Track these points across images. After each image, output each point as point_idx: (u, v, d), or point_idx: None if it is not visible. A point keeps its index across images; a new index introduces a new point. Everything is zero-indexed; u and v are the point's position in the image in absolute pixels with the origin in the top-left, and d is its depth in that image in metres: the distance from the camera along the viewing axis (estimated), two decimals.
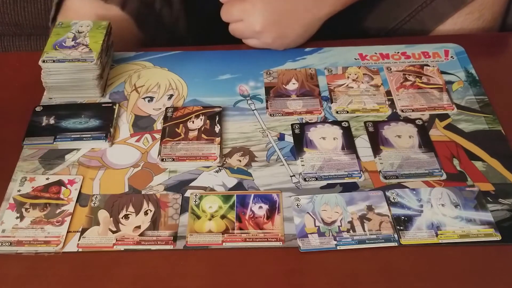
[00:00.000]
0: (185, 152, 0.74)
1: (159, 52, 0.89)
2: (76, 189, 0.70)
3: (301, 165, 0.73)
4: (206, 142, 0.75)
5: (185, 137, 0.76)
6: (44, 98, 0.82)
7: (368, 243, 0.64)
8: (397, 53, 0.90)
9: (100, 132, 0.76)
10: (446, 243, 0.64)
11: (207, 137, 0.76)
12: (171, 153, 0.73)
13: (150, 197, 0.69)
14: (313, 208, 0.68)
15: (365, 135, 0.77)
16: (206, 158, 0.73)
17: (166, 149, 0.74)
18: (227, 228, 0.66)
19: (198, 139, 0.75)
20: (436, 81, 0.84)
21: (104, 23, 0.85)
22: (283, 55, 0.88)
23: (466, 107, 0.81)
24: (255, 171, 0.72)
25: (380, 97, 0.82)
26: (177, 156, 0.73)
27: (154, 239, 0.65)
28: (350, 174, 0.71)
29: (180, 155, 0.73)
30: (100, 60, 0.80)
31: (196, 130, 0.77)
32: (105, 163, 0.74)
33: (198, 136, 0.76)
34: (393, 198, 0.69)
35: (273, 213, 0.68)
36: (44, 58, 0.79)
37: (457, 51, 0.90)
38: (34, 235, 0.65)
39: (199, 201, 0.69)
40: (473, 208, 0.67)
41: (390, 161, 0.73)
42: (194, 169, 0.73)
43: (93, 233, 0.66)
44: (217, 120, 0.78)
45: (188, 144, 0.75)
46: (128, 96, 0.83)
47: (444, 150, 0.74)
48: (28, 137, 0.76)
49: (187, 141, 0.75)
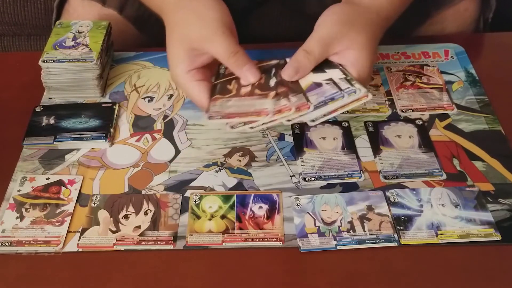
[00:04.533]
0: (236, 108, 0.67)
1: (159, 52, 0.89)
2: (76, 189, 0.70)
3: (301, 165, 0.73)
4: (259, 97, 0.68)
5: (236, 93, 0.69)
6: (44, 98, 0.82)
7: (368, 243, 0.64)
8: (397, 53, 0.90)
9: (100, 132, 0.76)
10: (446, 243, 0.64)
11: (261, 91, 0.69)
12: (220, 111, 0.67)
13: (150, 197, 0.69)
14: (313, 208, 0.68)
15: (365, 135, 0.77)
16: (258, 114, 0.66)
17: (215, 107, 0.68)
18: (227, 228, 0.66)
19: (251, 95, 0.69)
20: (436, 81, 0.84)
21: (104, 23, 0.85)
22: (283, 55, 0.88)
23: (466, 107, 0.81)
24: (255, 171, 0.72)
25: (380, 97, 0.82)
26: (227, 113, 0.66)
27: (154, 239, 0.65)
28: (350, 174, 0.71)
29: (230, 112, 0.67)
30: (100, 60, 0.80)
31: (249, 85, 0.70)
32: (105, 163, 0.74)
33: (251, 91, 0.69)
34: (393, 198, 0.69)
35: (273, 213, 0.68)
36: (44, 58, 0.79)
37: (457, 51, 0.90)
38: (34, 235, 0.65)
39: (199, 201, 0.69)
40: (473, 208, 0.67)
41: (390, 161, 0.73)
42: (194, 169, 0.73)
43: (93, 233, 0.66)
44: (272, 73, 0.71)
45: (239, 100, 0.68)
46: (128, 96, 0.83)
47: (444, 150, 0.74)
48: (28, 137, 0.76)
49: (238, 97, 0.69)
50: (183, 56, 0.70)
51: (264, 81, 0.70)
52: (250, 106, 0.67)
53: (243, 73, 0.69)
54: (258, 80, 0.70)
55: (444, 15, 0.96)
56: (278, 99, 0.67)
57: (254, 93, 0.69)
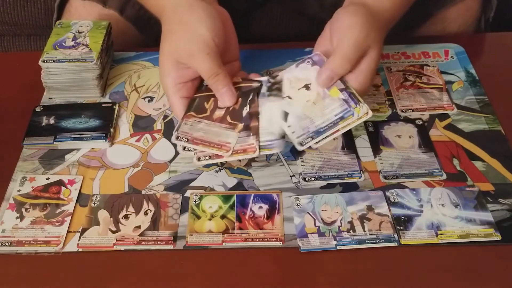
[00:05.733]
0: (203, 134, 0.66)
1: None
2: (76, 189, 0.70)
3: (301, 165, 0.73)
4: (227, 127, 0.67)
5: (210, 115, 0.68)
6: (44, 98, 0.82)
7: (368, 243, 0.64)
8: (397, 53, 0.90)
9: (100, 132, 0.76)
10: (446, 243, 0.64)
11: (230, 120, 0.67)
12: (189, 132, 0.67)
13: (150, 197, 0.69)
14: (313, 208, 0.68)
15: (365, 135, 0.77)
16: (220, 147, 0.66)
17: (186, 126, 0.67)
18: (227, 228, 0.66)
19: (221, 121, 0.68)
20: (436, 81, 0.84)
21: (104, 23, 0.85)
22: (283, 55, 0.88)
23: (466, 107, 0.81)
24: (255, 171, 0.72)
25: (380, 97, 0.82)
26: (193, 138, 0.66)
27: (154, 239, 0.65)
28: (350, 174, 0.72)
29: (197, 137, 0.66)
30: (100, 60, 0.80)
31: (223, 108, 0.69)
32: (105, 163, 0.74)
33: (223, 117, 0.68)
34: (393, 198, 0.69)
35: (273, 213, 0.68)
36: (44, 58, 0.79)
37: (457, 51, 0.90)
38: (34, 235, 0.65)
39: (199, 201, 0.69)
40: (473, 208, 0.67)
41: (390, 161, 0.73)
42: (194, 169, 0.73)
43: (93, 233, 0.66)
44: (249, 99, 0.69)
45: (209, 125, 0.67)
46: (128, 96, 0.83)
47: (444, 150, 0.74)
48: (28, 137, 0.76)
49: (210, 120, 0.68)
50: (171, 68, 0.71)
51: (238, 107, 0.70)
52: (216, 135, 0.67)
53: (221, 95, 0.70)
54: (233, 104, 0.70)
55: (445, 14, 0.96)
56: (247, 135, 0.67)
57: (225, 119, 0.68)
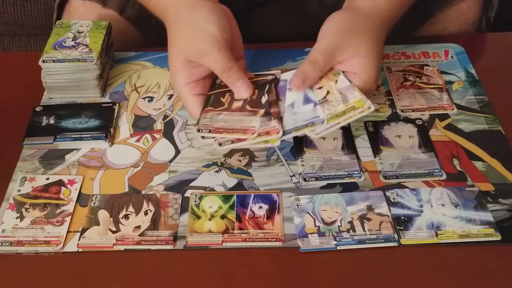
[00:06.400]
0: (224, 123, 0.67)
1: (159, 52, 0.89)
2: (76, 189, 0.70)
3: (301, 165, 0.73)
4: (248, 113, 0.68)
5: (228, 107, 0.69)
6: (44, 98, 0.82)
7: (368, 243, 0.64)
8: (397, 53, 0.90)
9: (100, 132, 0.76)
10: (446, 243, 0.64)
11: (251, 108, 0.69)
12: (210, 124, 0.68)
13: (150, 197, 0.69)
14: (313, 208, 0.68)
15: (365, 135, 0.77)
16: (244, 131, 0.66)
17: (206, 120, 0.68)
18: (227, 228, 0.66)
19: (242, 110, 0.69)
20: (436, 81, 0.84)
21: (104, 23, 0.85)
22: (283, 55, 0.88)
23: (466, 107, 0.81)
24: (255, 171, 0.72)
25: (380, 97, 0.82)
26: (215, 128, 0.67)
27: (154, 239, 0.65)
28: (350, 174, 0.72)
29: (219, 127, 0.67)
30: (100, 60, 0.80)
31: (241, 100, 0.70)
32: (105, 163, 0.74)
33: (242, 106, 0.69)
34: (393, 198, 0.69)
35: (273, 213, 0.68)
36: (44, 58, 0.79)
37: (457, 51, 0.90)
38: (34, 235, 0.65)
39: (199, 201, 0.69)
40: (473, 208, 0.67)
41: (390, 161, 0.73)
42: (194, 169, 0.73)
43: (93, 233, 0.66)
44: (266, 89, 0.71)
45: (229, 115, 0.68)
46: (128, 96, 0.83)
47: (444, 150, 0.74)
48: (28, 137, 0.76)
49: (229, 111, 0.69)
50: (181, 68, 0.70)
51: (256, 97, 0.70)
52: (238, 122, 0.67)
53: (237, 88, 0.70)
54: (250, 95, 0.70)
55: (446, 14, 0.96)
56: (269, 119, 0.67)
57: (245, 108, 0.69)
